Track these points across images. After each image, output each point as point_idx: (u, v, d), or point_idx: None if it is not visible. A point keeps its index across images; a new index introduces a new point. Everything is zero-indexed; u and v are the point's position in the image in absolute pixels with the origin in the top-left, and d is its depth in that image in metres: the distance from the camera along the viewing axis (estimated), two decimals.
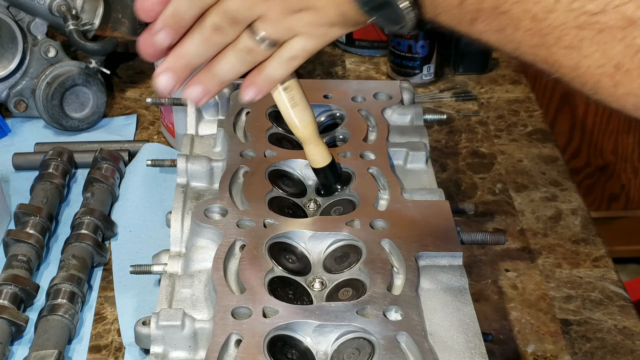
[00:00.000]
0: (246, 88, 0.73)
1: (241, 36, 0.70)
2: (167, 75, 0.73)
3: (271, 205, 0.84)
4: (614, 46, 0.49)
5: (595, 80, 0.51)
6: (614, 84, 0.51)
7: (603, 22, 0.49)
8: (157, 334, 0.72)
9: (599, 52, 0.50)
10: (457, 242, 0.81)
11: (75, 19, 1.20)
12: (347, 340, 0.71)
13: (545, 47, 0.53)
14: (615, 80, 0.50)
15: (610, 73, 0.50)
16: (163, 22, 0.72)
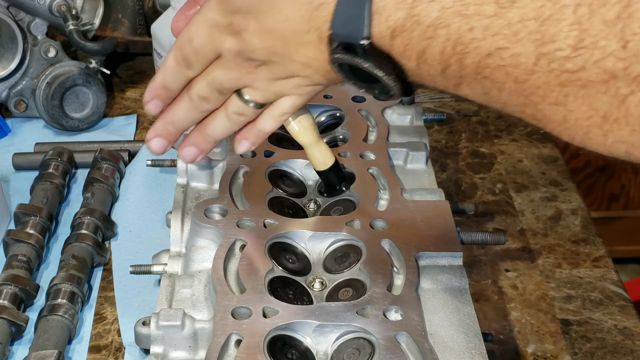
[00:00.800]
0: (240, 141, 0.76)
1: (230, 100, 0.72)
2: (157, 140, 0.77)
3: (271, 205, 0.84)
4: (599, 98, 0.49)
5: (585, 131, 0.51)
6: (603, 133, 0.50)
7: (584, 78, 0.49)
8: (157, 334, 0.72)
9: (585, 105, 0.50)
10: (457, 242, 0.81)
11: (75, 19, 1.20)
12: (347, 341, 0.71)
13: (532, 105, 0.53)
14: (605, 129, 0.50)
15: (598, 123, 0.50)
16: (151, 94, 0.74)
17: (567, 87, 0.50)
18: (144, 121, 1.28)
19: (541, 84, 0.51)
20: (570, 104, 0.50)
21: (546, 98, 0.51)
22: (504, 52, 0.52)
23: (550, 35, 0.50)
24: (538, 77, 0.51)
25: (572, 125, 0.51)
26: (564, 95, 0.50)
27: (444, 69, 0.56)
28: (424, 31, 0.56)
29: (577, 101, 0.50)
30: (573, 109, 0.50)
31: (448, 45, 0.55)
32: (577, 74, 0.49)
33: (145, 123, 1.28)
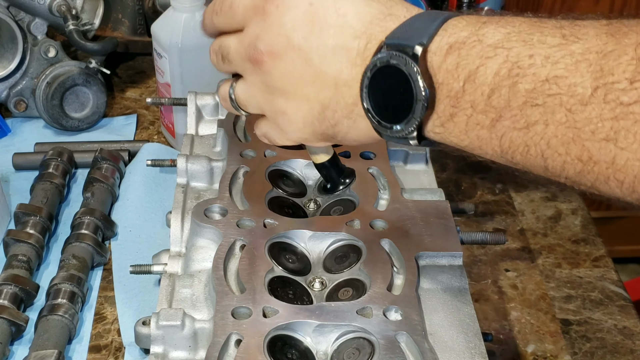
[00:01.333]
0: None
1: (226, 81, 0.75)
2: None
3: (271, 205, 0.84)
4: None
5: (635, 174, 0.49)
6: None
7: (638, 112, 0.48)
8: (157, 333, 0.72)
9: (636, 143, 0.49)
10: (457, 242, 0.81)
11: (75, 19, 1.20)
12: (347, 340, 0.71)
13: (580, 142, 0.51)
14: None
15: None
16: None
17: (621, 122, 0.49)
18: (143, 121, 1.28)
19: (594, 117, 0.50)
20: (622, 140, 0.49)
21: (597, 133, 0.50)
22: (561, 81, 0.51)
23: (609, 69, 0.49)
24: (592, 109, 0.50)
25: (623, 167, 0.50)
26: (615, 131, 0.49)
27: (491, 93, 0.55)
28: (483, 50, 0.55)
29: (629, 138, 0.49)
30: (624, 147, 0.49)
31: (505, 67, 0.54)
32: (632, 107, 0.49)
33: (145, 123, 1.28)
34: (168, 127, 1.18)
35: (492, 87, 0.55)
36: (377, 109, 0.61)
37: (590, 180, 0.52)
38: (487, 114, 0.56)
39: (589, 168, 0.52)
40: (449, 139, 0.59)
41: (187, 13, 1.09)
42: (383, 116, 0.61)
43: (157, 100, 1.10)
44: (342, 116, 0.65)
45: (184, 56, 1.09)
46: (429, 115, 0.58)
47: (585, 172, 0.52)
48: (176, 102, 1.07)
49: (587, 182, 0.53)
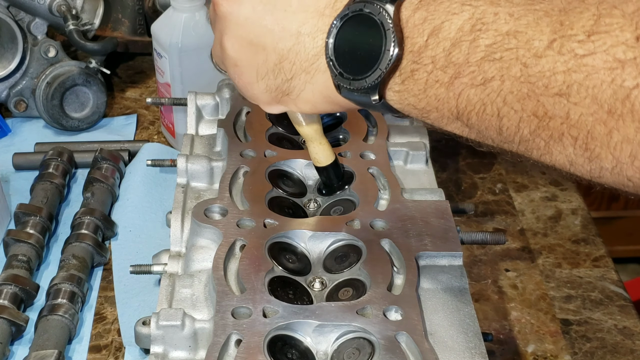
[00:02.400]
0: None
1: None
2: None
3: (271, 205, 0.84)
4: (603, 90, 0.48)
5: (589, 128, 0.49)
6: (608, 131, 0.48)
7: (591, 64, 0.48)
8: (157, 333, 0.72)
9: (589, 97, 0.49)
10: (457, 242, 0.81)
11: (76, 19, 1.20)
12: (347, 340, 0.71)
13: (534, 97, 0.51)
14: (609, 127, 0.48)
15: (603, 119, 0.48)
16: None
17: (573, 75, 0.49)
18: (143, 121, 1.28)
19: (547, 70, 0.50)
20: (574, 95, 0.49)
21: (550, 88, 0.50)
22: (520, 35, 0.51)
23: (570, 23, 0.49)
24: (546, 62, 0.50)
25: (576, 122, 0.50)
26: (567, 85, 0.49)
27: (452, 48, 0.54)
28: (451, 6, 0.55)
29: (581, 92, 0.49)
30: (577, 102, 0.49)
31: (469, 23, 0.54)
32: (585, 59, 0.48)
33: (145, 123, 1.28)
34: (168, 127, 1.19)
35: (454, 42, 0.54)
36: (340, 59, 0.60)
37: (545, 139, 0.52)
38: (446, 70, 0.55)
39: (544, 124, 0.51)
40: (407, 99, 0.58)
41: (187, 13, 1.09)
42: (346, 68, 0.60)
43: (157, 100, 1.10)
44: (300, 69, 0.63)
45: (184, 56, 1.09)
46: (393, 70, 0.57)
47: (540, 129, 0.52)
48: (176, 102, 1.07)
49: (541, 142, 0.52)
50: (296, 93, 0.65)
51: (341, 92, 0.61)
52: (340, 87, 0.61)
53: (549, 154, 0.53)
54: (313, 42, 0.62)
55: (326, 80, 0.62)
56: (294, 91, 0.65)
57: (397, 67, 0.58)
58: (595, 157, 0.50)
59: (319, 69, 0.62)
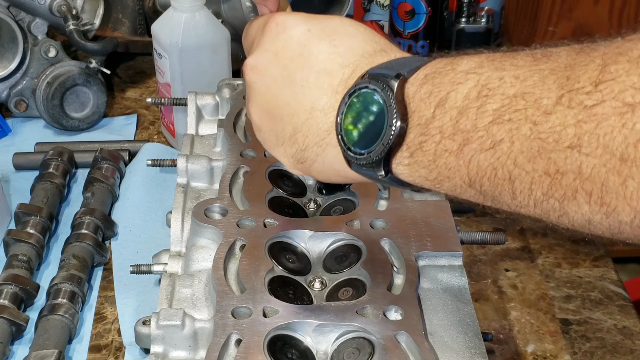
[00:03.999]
0: None
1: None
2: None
3: (271, 205, 0.85)
4: (614, 137, 0.47)
5: (603, 180, 0.48)
6: (622, 180, 0.47)
7: (601, 113, 0.47)
8: (158, 333, 0.72)
9: (600, 147, 0.47)
10: (457, 241, 0.81)
11: (76, 19, 1.20)
12: (347, 340, 0.71)
13: (545, 154, 0.50)
14: (624, 175, 0.47)
15: (617, 168, 0.47)
16: None
17: (584, 126, 0.48)
18: (144, 121, 1.28)
19: (557, 125, 0.49)
20: (586, 146, 0.48)
21: (560, 142, 0.49)
22: (528, 96, 0.51)
23: (576, 77, 0.49)
24: (556, 117, 0.49)
25: (589, 176, 0.48)
26: (579, 137, 0.48)
27: (459, 117, 0.54)
28: (455, 76, 0.55)
29: (592, 142, 0.48)
30: (589, 153, 0.48)
31: (475, 90, 0.54)
32: (595, 109, 0.48)
33: (145, 123, 1.28)
34: (168, 127, 1.19)
35: (460, 110, 0.55)
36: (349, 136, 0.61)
37: (559, 199, 0.51)
38: (454, 138, 0.55)
39: (556, 182, 0.50)
40: (417, 172, 0.59)
41: (187, 13, 1.09)
42: (354, 144, 0.61)
43: (157, 100, 1.10)
44: (312, 142, 0.65)
45: (184, 56, 1.10)
46: (398, 144, 0.58)
47: (553, 188, 0.51)
48: (176, 102, 1.08)
49: (556, 203, 0.51)
50: (309, 163, 0.67)
51: (351, 166, 0.62)
52: (350, 162, 0.62)
53: (566, 214, 0.52)
54: (325, 118, 0.64)
55: (337, 155, 0.63)
56: (307, 161, 0.67)
57: (403, 141, 0.58)
58: (612, 211, 0.49)
59: (330, 143, 0.64)
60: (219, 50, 1.12)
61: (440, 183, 0.58)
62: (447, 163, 0.56)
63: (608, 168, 0.48)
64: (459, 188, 0.57)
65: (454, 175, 0.56)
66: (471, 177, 0.55)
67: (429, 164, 0.57)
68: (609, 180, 0.48)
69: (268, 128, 0.69)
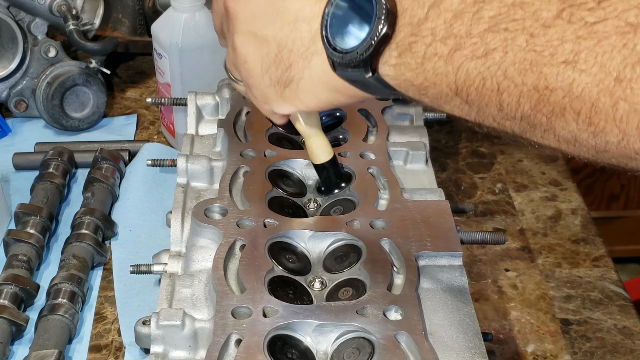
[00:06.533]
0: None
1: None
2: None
3: (271, 205, 0.84)
4: (613, 56, 0.46)
5: (593, 101, 0.47)
6: (613, 102, 0.47)
7: (602, 31, 0.47)
8: (158, 333, 0.72)
9: (597, 65, 0.47)
10: (457, 241, 0.81)
11: (76, 19, 1.20)
12: (347, 340, 0.71)
13: (537, 68, 0.49)
14: (616, 97, 0.46)
15: (610, 89, 0.47)
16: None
17: (583, 42, 0.47)
18: (144, 121, 1.28)
19: (556, 39, 0.48)
20: (582, 63, 0.47)
21: (556, 56, 0.48)
22: (527, 6, 0.50)
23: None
24: (555, 31, 0.49)
25: (579, 94, 0.48)
26: (576, 53, 0.48)
27: (454, 20, 0.53)
28: None
29: (590, 60, 0.47)
30: (584, 69, 0.47)
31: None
32: (596, 26, 0.47)
33: (145, 123, 1.28)
34: (168, 127, 1.19)
35: (455, 14, 0.53)
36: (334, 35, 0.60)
37: (546, 115, 0.50)
38: (446, 42, 0.54)
39: (545, 98, 0.50)
40: (404, 74, 0.57)
41: (187, 13, 1.09)
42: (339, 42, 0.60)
43: (157, 100, 1.10)
44: (297, 55, 0.64)
45: (184, 56, 1.10)
46: (384, 41, 0.57)
47: (541, 104, 0.50)
48: (176, 102, 1.08)
49: (543, 118, 0.51)
50: (296, 82, 0.65)
51: (336, 70, 0.61)
52: (335, 64, 0.61)
53: (552, 130, 0.51)
54: (309, 26, 0.63)
55: (322, 64, 0.62)
56: (293, 80, 0.65)
57: (390, 39, 0.57)
58: (600, 132, 0.48)
59: (316, 51, 0.63)
60: (219, 50, 1.11)
61: (425, 90, 0.57)
62: (436, 68, 0.55)
63: (600, 88, 0.47)
64: (444, 96, 0.56)
65: (440, 81, 0.55)
66: (458, 85, 0.54)
67: (416, 66, 0.56)
68: (600, 101, 0.47)
69: (253, 55, 0.67)
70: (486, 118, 0.55)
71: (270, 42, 0.66)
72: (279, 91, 0.67)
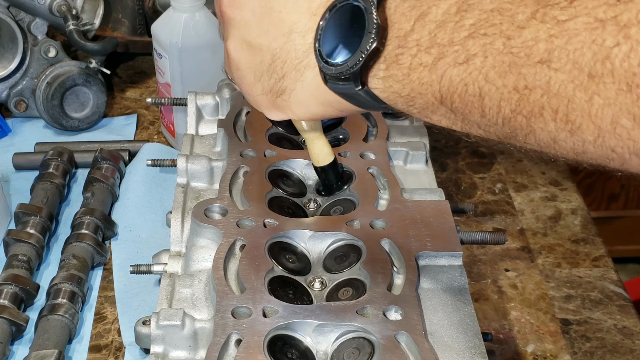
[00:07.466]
0: None
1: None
2: None
3: (271, 205, 0.85)
4: (584, 53, 0.48)
5: (569, 97, 0.49)
6: (588, 97, 0.48)
7: (573, 28, 0.48)
8: (158, 333, 0.72)
9: (569, 62, 0.48)
10: (457, 241, 0.81)
11: (76, 19, 1.20)
12: (347, 340, 0.71)
13: (516, 69, 0.51)
14: (590, 92, 0.48)
15: (584, 84, 0.48)
16: None
17: (555, 40, 0.49)
18: (144, 121, 1.28)
19: (530, 39, 0.50)
20: (556, 61, 0.49)
21: (532, 56, 0.50)
22: (505, 11, 0.52)
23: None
24: (529, 32, 0.50)
25: (557, 92, 0.49)
26: (549, 52, 0.49)
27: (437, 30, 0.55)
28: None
29: (562, 57, 0.48)
30: (558, 68, 0.49)
31: (455, 5, 0.54)
32: (567, 24, 0.48)
33: (145, 123, 1.28)
34: (168, 127, 1.19)
35: (439, 24, 0.55)
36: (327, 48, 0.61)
37: (526, 115, 0.51)
38: (430, 51, 0.55)
39: (524, 98, 0.51)
40: (392, 86, 0.58)
41: (187, 13, 1.09)
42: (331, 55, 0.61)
43: (157, 100, 1.10)
44: (290, 67, 0.65)
45: (184, 56, 1.10)
46: (374, 55, 0.58)
47: (521, 105, 0.51)
48: (176, 102, 1.08)
49: (523, 120, 0.52)
50: (288, 93, 0.66)
51: (327, 82, 0.62)
52: (326, 77, 0.62)
53: (532, 132, 0.52)
54: (303, 40, 0.64)
55: (315, 77, 0.63)
56: (285, 91, 0.66)
57: (380, 52, 0.58)
58: (577, 129, 0.50)
59: (309, 65, 0.64)
60: (219, 50, 1.11)
61: (412, 100, 0.58)
62: (421, 78, 0.56)
63: (575, 84, 0.48)
64: (431, 106, 0.57)
65: (426, 91, 0.56)
66: (442, 93, 0.55)
67: (402, 78, 0.57)
68: (575, 97, 0.48)
69: (246, 62, 0.68)
70: (471, 126, 0.56)
71: (264, 52, 0.66)
72: (270, 100, 0.68)
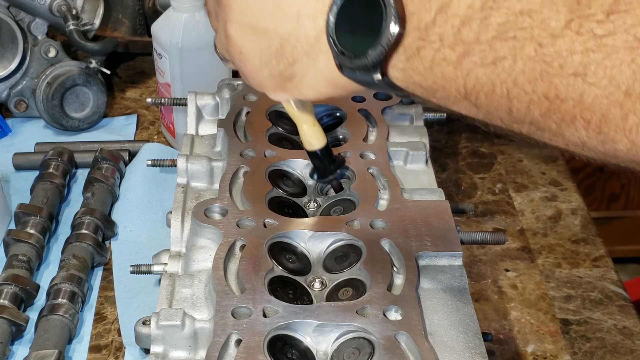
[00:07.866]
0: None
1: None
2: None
3: (271, 205, 0.84)
4: (622, 70, 0.46)
5: (603, 112, 0.48)
6: (623, 114, 0.47)
7: (611, 44, 0.47)
8: (158, 333, 0.72)
9: (606, 78, 0.47)
10: (457, 241, 0.81)
11: (76, 19, 1.20)
12: (347, 340, 0.71)
13: (547, 78, 0.49)
14: (625, 109, 0.47)
15: (619, 101, 0.47)
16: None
17: (592, 55, 0.47)
18: (144, 121, 1.28)
19: (564, 50, 0.48)
20: (591, 75, 0.48)
21: (565, 68, 0.48)
22: (535, 14, 0.50)
23: (587, 2, 0.48)
24: (563, 42, 0.48)
25: (590, 105, 0.48)
26: (585, 65, 0.48)
27: (462, 26, 0.52)
28: None
29: (599, 73, 0.47)
30: (593, 82, 0.47)
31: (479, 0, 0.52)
32: (605, 39, 0.47)
33: (146, 123, 1.28)
34: (168, 127, 1.19)
35: (464, 20, 0.53)
36: (341, 37, 0.59)
37: (556, 122, 0.50)
38: (455, 48, 0.53)
39: (555, 107, 0.50)
40: (412, 77, 0.56)
41: (187, 13, 1.09)
42: (347, 46, 0.58)
43: (157, 100, 1.10)
44: (301, 52, 0.62)
45: (184, 56, 1.10)
46: (395, 46, 0.56)
47: (551, 111, 0.50)
48: (176, 102, 1.08)
49: (553, 125, 0.51)
50: (299, 78, 0.64)
51: (343, 71, 0.60)
52: (342, 66, 0.60)
53: (561, 136, 0.51)
54: (313, 24, 0.61)
55: (328, 62, 0.61)
56: (296, 76, 0.64)
57: (400, 43, 0.56)
58: (610, 140, 0.49)
59: (321, 50, 0.61)
60: None
61: (434, 92, 0.56)
62: (445, 73, 0.54)
63: (610, 100, 0.47)
64: (453, 99, 0.56)
65: (449, 85, 0.55)
66: (467, 89, 0.54)
67: (424, 70, 0.55)
68: (610, 113, 0.48)
69: (251, 47, 0.65)
70: (494, 120, 0.55)
71: (271, 36, 0.64)
72: (278, 83, 0.66)
